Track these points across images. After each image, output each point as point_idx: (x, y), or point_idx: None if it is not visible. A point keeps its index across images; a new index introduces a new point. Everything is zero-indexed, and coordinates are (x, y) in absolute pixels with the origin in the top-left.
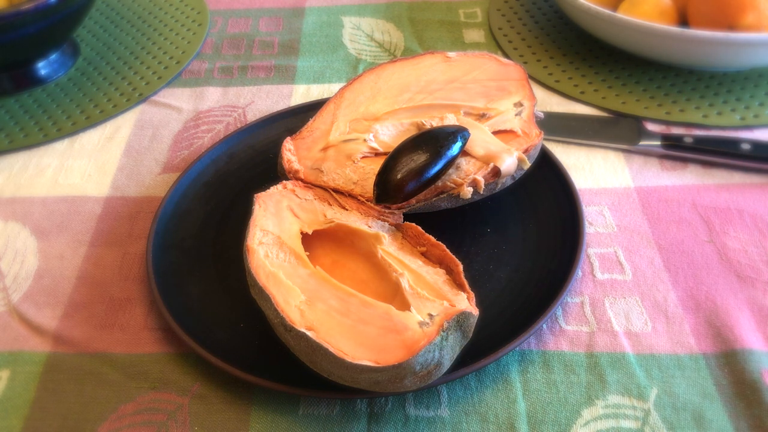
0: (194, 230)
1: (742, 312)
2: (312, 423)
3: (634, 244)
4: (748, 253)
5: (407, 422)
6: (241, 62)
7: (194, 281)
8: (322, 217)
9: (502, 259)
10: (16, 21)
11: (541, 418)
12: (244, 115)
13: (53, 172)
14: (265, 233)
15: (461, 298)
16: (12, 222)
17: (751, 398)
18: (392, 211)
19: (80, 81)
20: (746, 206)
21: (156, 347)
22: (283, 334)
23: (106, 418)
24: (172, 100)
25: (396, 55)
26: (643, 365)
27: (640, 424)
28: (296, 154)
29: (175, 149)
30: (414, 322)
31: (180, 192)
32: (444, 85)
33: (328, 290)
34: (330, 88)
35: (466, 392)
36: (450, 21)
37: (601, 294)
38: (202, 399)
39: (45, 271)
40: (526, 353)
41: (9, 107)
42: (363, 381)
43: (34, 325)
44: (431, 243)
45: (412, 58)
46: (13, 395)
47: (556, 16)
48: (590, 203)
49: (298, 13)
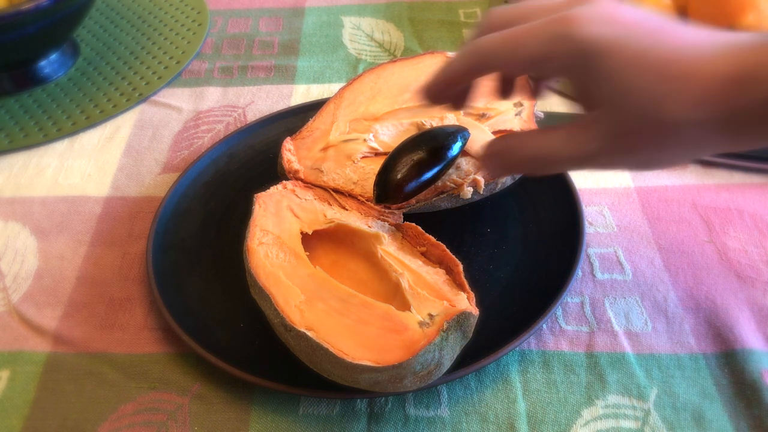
0: (194, 230)
1: (742, 312)
2: (312, 423)
3: (634, 244)
4: (748, 253)
5: (407, 422)
6: (241, 62)
7: (194, 281)
8: (322, 217)
9: (502, 259)
10: (16, 21)
11: (541, 418)
12: (244, 115)
13: (53, 172)
14: (265, 233)
15: (461, 298)
16: (12, 222)
17: (751, 398)
18: (392, 211)
19: (80, 81)
20: (746, 206)
21: (156, 347)
22: (283, 334)
23: (106, 418)
24: (172, 100)
25: (396, 55)
26: (643, 365)
27: (640, 424)
28: (296, 154)
29: (175, 149)
30: (414, 322)
31: (180, 192)
32: None
33: (328, 290)
34: (330, 88)
35: (466, 392)
36: (450, 21)
37: (601, 294)
38: (202, 399)
39: (45, 271)
40: (526, 353)
41: (9, 107)
42: (363, 381)
43: (34, 325)
44: (431, 243)
45: (411, 58)
46: (13, 395)
47: None
48: (590, 203)
49: (298, 13)
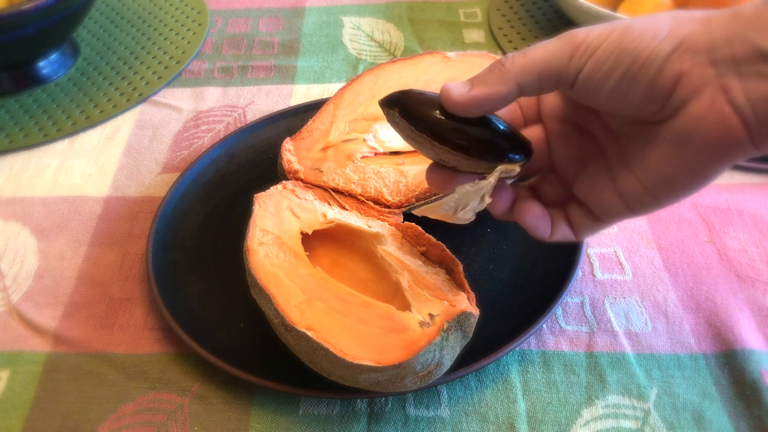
0: (194, 230)
1: (742, 312)
2: (312, 423)
3: (634, 244)
4: (748, 253)
5: (407, 422)
6: (241, 62)
7: (194, 281)
8: (322, 217)
9: (502, 259)
10: (16, 21)
11: (541, 418)
12: (244, 115)
13: (53, 172)
14: (265, 233)
15: (461, 298)
16: (12, 222)
17: (751, 398)
18: (392, 211)
19: (80, 81)
20: (746, 206)
21: (156, 347)
22: (283, 334)
23: (106, 418)
24: (172, 100)
25: (396, 55)
26: (643, 365)
27: (640, 424)
28: (296, 155)
29: (175, 149)
30: (414, 322)
31: (180, 192)
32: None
33: (328, 290)
34: (330, 88)
35: (466, 392)
36: (450, 21)
37: (601, 294)
38: (202, 399)
39: (45, 271)
40: (526, 353)
41: (9, 107)
42: (363, 381)
43: (34, 325)
44: (431, 243)
45: (411, 58)
46: (13, 395)
47: (556, 16)
48: None
49: (298, 13)
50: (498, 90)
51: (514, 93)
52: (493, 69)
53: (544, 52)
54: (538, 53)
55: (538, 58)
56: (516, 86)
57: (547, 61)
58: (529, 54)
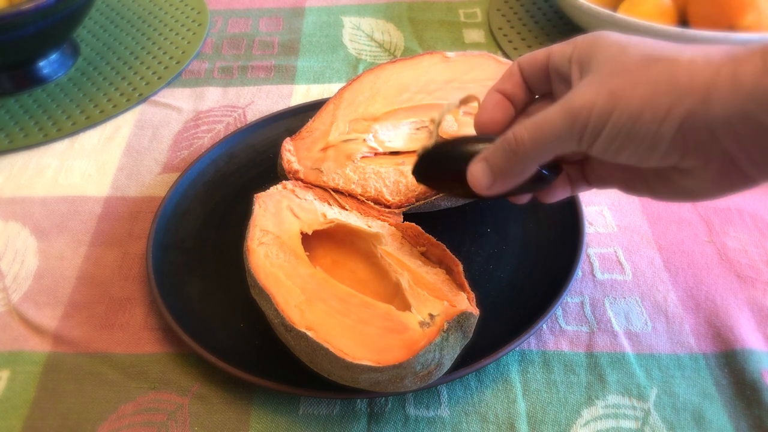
0: (194, 230)
1: (742, 312)
2: (312, 423)
3: (634, 244)
4: (748, 253)
5: (407, 422)
6: (241, 62)
7: (194, 281)
8: (322, 217)
9: (502, 259)
10: (16, 21)
11: (541, 418)
12: (244, 115)
13: (53, 172)
14: (265, 233)
15: (461, 298)
16: (12, 222)
17: (751, 398)
18: (392, 211)
19: (80, 81)
20: (746, 206)
21: (156, 347)
22: (283, 334)
23: (106, 418)
24: (172, 100)
25: (396, 55)
26: (643, 365)
27: (640, 424)
28: (296, 155)
29: (175, 149)
30: (414, 322)
31: (180, 192)
32: (443, 84)
33: (328, 290)
34: (330, 88)
35: (466, 392)
36: (450, 21)
37: (601, 294)
38: (202, 399)
39: (45, 271)
40: (526, 353)
41: (9, 107)
42: (363, 381)
43: (34, 325)
44: (431, 243)
45: (411, 58)
46: (13, 395)
47: (556, 16)
48: (590, 203)
49: (298, 13)
50: (523, 179)
51: (533, 172)
52: (508, 154)
53: (551, 129)
54: (545, 132)
55: (548, 137)
56: (536, 167)
57: (557, 139)
58: (535, 133)
